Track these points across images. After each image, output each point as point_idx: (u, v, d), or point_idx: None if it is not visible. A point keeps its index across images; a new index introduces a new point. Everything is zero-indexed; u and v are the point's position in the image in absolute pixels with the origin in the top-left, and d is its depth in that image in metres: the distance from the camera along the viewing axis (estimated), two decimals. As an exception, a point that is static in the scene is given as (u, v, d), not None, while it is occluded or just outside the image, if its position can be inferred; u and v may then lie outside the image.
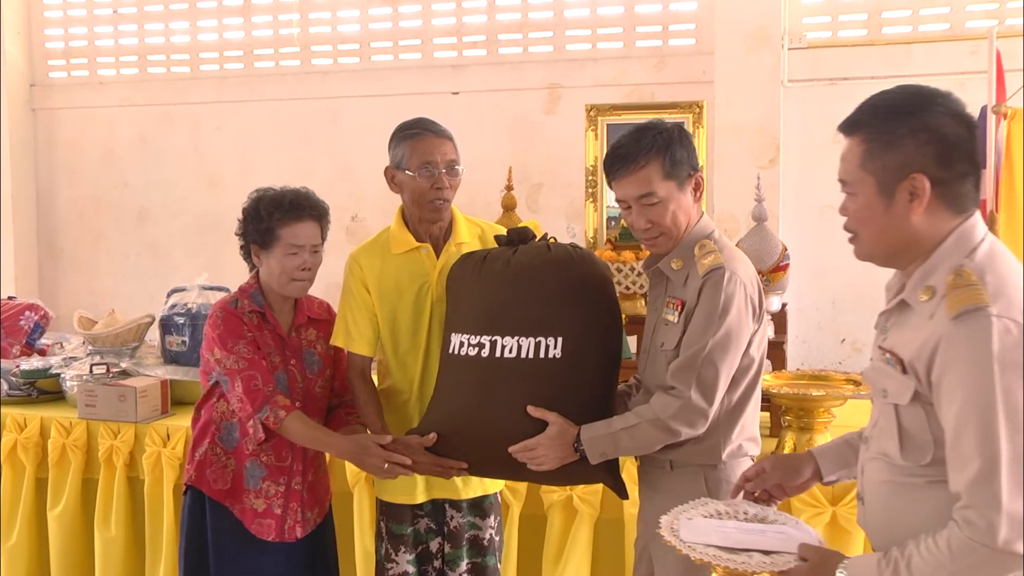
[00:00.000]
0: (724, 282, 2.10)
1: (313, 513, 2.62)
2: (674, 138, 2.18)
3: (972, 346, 1.46)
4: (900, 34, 4.93)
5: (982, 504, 1.44)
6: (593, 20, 5.39)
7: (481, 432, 2.26)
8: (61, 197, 6.36)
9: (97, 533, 3.40)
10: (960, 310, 1.48)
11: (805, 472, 1.94)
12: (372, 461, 2.36)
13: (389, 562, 2.59)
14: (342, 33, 5.83)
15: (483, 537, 2.60)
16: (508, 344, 2.21)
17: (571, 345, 2.21)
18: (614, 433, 2.15)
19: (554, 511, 2.97)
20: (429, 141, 2.46)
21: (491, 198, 3.79)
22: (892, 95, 1.63)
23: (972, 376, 1.46)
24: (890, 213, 1.59)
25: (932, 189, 1.56)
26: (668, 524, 1.80)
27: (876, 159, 1.59)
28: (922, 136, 1.55)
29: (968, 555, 1.45)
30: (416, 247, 2.51)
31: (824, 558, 1.64)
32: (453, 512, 2.58)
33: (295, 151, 5.82)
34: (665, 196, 2.16)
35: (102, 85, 6.33)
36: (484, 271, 2.31)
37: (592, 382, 2.26)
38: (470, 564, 2.59)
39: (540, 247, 2.31)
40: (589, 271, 2.31)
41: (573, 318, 2.23)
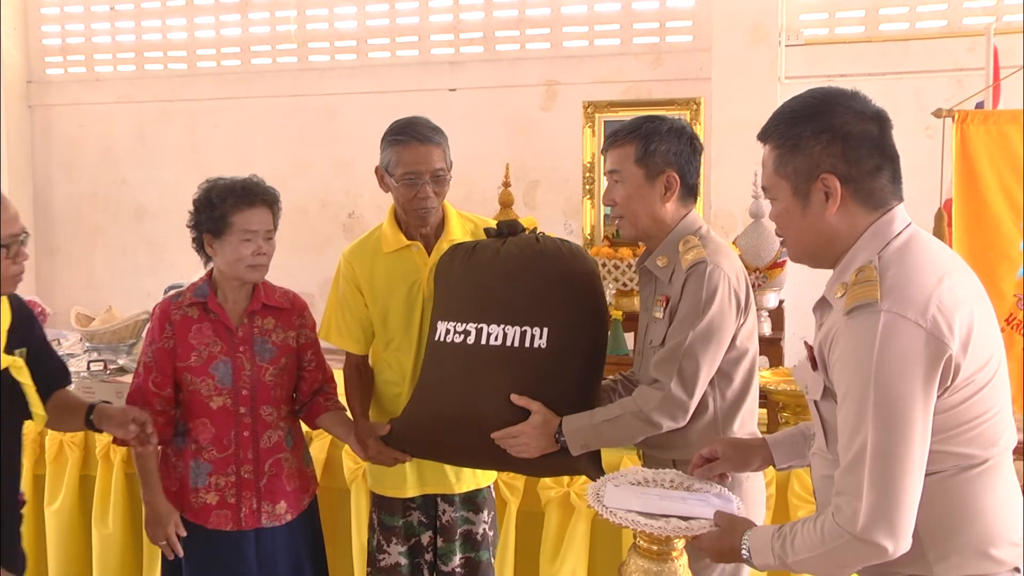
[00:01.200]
0: (706, 275, 2.11)
1: (279, 508, 2.55)
2: (661, 131, 2.19)
3: (857, 341, 1.49)
4: (897, 31, 4.93)
5: (848, 492, 1.50)
6: (590, 17, 5.38)
7: (464, 419, 2.25)
8: (58, 193, 6.35)
9: (95, 530, 3.40)
10: (852, 306, 1.51)
11: (755, 461, 1.99)
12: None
13: (381, 553, 2.60)
14: (339, 30, 5.83)
15: (476, 532, 2.60)
16: (494, 332, 2.22)
17: (557, 336, 2.22)
18: (596, 425, 2.16)
19: (551, 507, 2.97)
20: (414, 150, 2.41)
21: (488, 195, 3.78)
22: (798, 100, 1.66)
23: (853, 370, 1.50)
24: (807, 215, 1.63)
25: (843, 187, 1.59)
26: (594, 490, 1.85)
27: (787, 164, 1.63)
28: (825, 137, 1.59)
29: (834, 539, 1.51)
30: (407, 245, 2.51)
31: (734, 524, 1.71)
32: (445, 506, 2.58)
33: (292, 147, 5.82)
34: (628, 180, 2.20)
35: (99, 82, 6.33)
36: (472, 260, 2.31)
37: (576, 374, 2.27)
38: (463, 559, 2.59)
39: (529, 239, 2.32)
40: (577, 266, 2.32)
41: (560, 310, 2.24)
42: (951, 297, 1.50)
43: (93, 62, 6.35)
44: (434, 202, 2.45)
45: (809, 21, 5.04)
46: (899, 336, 1.46)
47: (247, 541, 2.52)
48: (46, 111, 6.42)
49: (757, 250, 3.28)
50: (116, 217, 6.31)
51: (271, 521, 2.52)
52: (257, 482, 2.52)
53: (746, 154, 4.81)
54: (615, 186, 2.24)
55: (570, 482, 2.95)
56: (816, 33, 5.03)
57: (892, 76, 4.85)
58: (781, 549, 1.59)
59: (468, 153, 2.61)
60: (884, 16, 4.95)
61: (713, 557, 1.75)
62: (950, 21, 4.85)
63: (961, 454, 1.53)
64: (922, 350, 1.46)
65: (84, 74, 6.37)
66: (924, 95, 4.74)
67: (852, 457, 1.49)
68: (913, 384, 1.46)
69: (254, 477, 2.51)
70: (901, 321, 1.46)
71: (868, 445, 1.47)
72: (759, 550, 1.62)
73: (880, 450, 1.46)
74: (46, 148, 6.43)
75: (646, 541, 1.75)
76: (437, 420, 2.30)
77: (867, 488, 1.47)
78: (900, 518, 1.46)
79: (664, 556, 1.75)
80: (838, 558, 1.53)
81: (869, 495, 1.47)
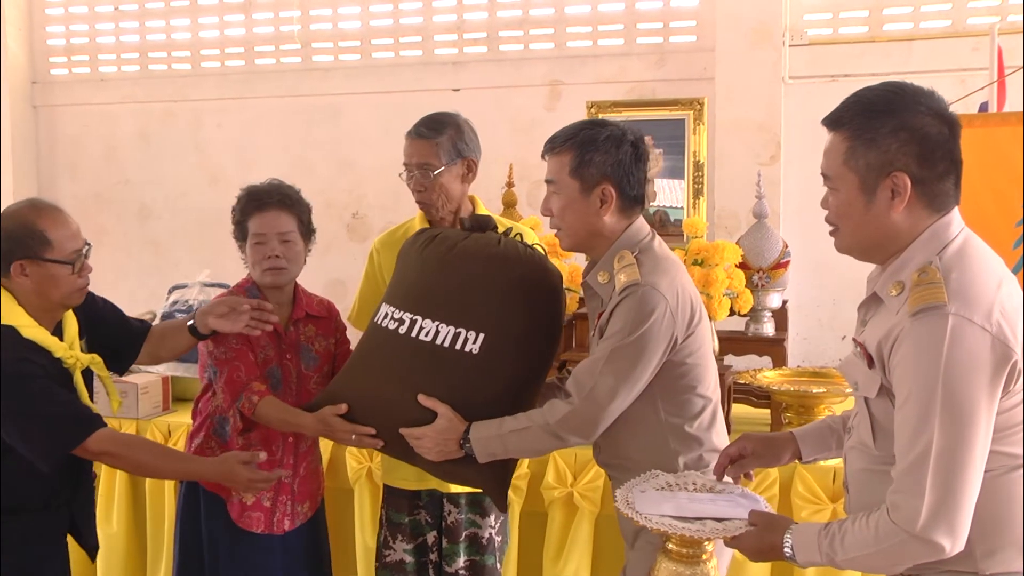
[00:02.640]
0: (638, 297, 2.03)
1: (304, 507, 2.61)
2: (597, 140, 2.10)
3: (924, 343, 1.50)
4: (901, 31, 4.92)
5: (907, 491, 1.51)
6: (594, 17, 5.38)
7: (379, 407, 2.22)
8: (63, 194, 6.35)
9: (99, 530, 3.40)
10: (919, 307, 1.51)
11: (785, 456, 2.00)
12: (338, 436, 2.34)
13: (387, 548, 2.63)
14: (343, 30, 5.83)
15: (482, 535, 2.60)
16: (427, 327, 2.16)
17: (491, 344, 2.15)
18: (503, 435, 2.11)
19: (555, 508, 2.97)
20: (408, 143, 2.53)
21: (492, 195, 3.78)
22: (876, 92, 1.64)
23: (919, 372, 1.50)
24: (871, 210, 1.62)
25: (913, 188, 1.58)
26: (623, 497, 1.85)
27: (859, 157, 1.61)
28: (903, 135, 1.58)
29: (890, 538, 1.52)
30: None
31: (773, 523, 1.71)
32: (451, 507, 2.59)
33: (296, 148, 5.82)
34: (563, 191, 2.13)
35: (103, 82, 6.33)
36: (429, 250, 2.26)
37: (505, 386, 2.20)
38: (468, 561, 2.59)
39: (490, 240, 2.25)
40: (533, 275, 2.24)
41: (501, 317, 2.17)
42: (1011, 302, 1.52)
43: (97, 62, 6.35)
44: (427, 196, 2.49)
45: (813, 21, 5.03)
46: (967, 340, 1.47)
47: (275, 541, 2.55)
48: (50, 111, 6.42)
49: (760, 250, 3.28)
50: (120, 217, 6.31)
51: (300, 521, 2.58)
52: (292, 485, 2.56)
53: (750, 154, 4.85)
54: (552, 196, 2.17)
55: (574, 482, 2.96)
56: (820, 33, 5.02)
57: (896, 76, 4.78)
58: (830, 547, 1.59)
59: (472, 153, 2.62)
60: (888, 16, 4.95)
61: (753, 556, 1.75)
62: (954, 21, 4.84)
63: (1011, 454, 1.56)
64: (988, 354, 1.47)
65: (88, 74, 6.38)
66: (928, 95, 4.73)
67: (915, 458, 1.49)
68: (979, 388, 1.47)
69: (292, 481, 2.55)
70: (968, 325, 1.47)
71: (933, 447, 1.47)
72: (804, 547, 1.62)
73: (944, 451, 1.47)
74: (50, 149, 6.44)
75: (677, 544, 1.76)
76: (357, 402, 2.25)
77: (929, 488, 1.48)
78: (960, 518, 1.48)
79: (695, 559, 1.76)
80: (893, 556, 1.54)
81: (931, 495, 1.47)
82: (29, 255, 2.21)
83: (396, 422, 2.20)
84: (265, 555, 2.55)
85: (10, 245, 2.21)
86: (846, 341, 5.07)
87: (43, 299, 2.25)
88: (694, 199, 3.96)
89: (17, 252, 2.21)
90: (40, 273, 2.22)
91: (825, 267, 4.94)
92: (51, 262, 2.22)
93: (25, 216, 2.24)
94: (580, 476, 2.95)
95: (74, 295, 2.30)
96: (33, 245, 2.21)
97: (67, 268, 2.24)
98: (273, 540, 2.56)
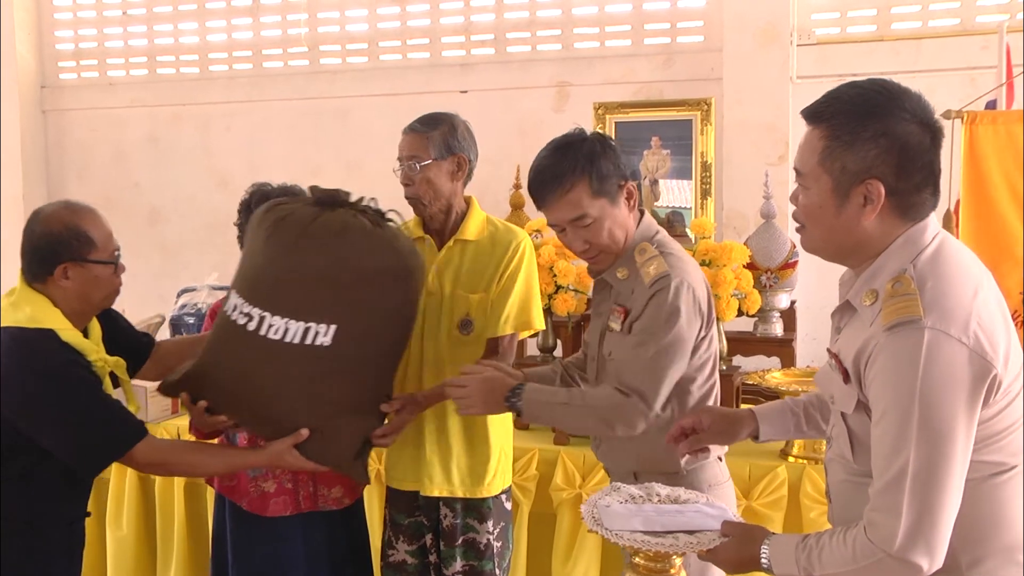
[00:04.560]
0: (671, 290, 2.04)
1: (336, 491, 2.62)
2: (596, 152, 2.10)
3: (900, 358, 1.45)
4: (910, 29, 4.91)
5: (885, 510, 1.46)
6: (601, 18, 5.38)
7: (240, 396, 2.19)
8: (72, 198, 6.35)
9: (109, 532, 3.42)
10: (894, 321, 1.46)
11: (742, 433, 1.97)
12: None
13: (390, 549, 2.66)
14: (350, 32, 5.84)
15: (480, 541, 2.59)
16: (276, 324, 2.10)
17: (343, 334, 2.11)
18: (553, 404, 2.10)
19: (563, 509, 2.98)
20: (402, 139, 2.54)
21: (500, 196, 3.79)
22: (860, 90, 1.58)
23: (896, 388, 1.45)
24: (841, 215, 1.56)
25: (887, 197, 1.53)
26: (589, 513, 1.81)
27: (835, 159, 1.55)
28: (884, 142, 1.51)
29: (868, 556, 1.48)
30: (420, 237, 2.56)
31: (749, 534, 1.68)
32: (446, 511, 2.59)
33: (304, 150, 5.83)
34: (598, 215, 2.10)
35: (112, 86, 6.35)
36: (275, 235, 2.17)
37: (365, 374, 2.19)
38: (466, 566, 2.58)
39: (344, 217, 2.16)
40: (382, 257, 2.19)
41: (351, 305, 2.13)
42: (987, 311, 1.48)
43: (106, 66, 6.38)
44: (414, 190, 2.49)
45: (821, 20, 5.02)
46: (943, 355, 1.42)
47: (296, 525, 2.57)
48: (59, 116, 6.45)
49: (768, 251, 3.28)
50: (129, 221, 6.32)
51: (327, 504, 2.58)
52: None
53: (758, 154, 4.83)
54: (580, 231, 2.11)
55: (582, 483, 2.96)
56: (828, 32, 5.01)
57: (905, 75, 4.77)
58: (807, 561, 1.55)
59: (479, 155, 2.62)
60: (896, 15, 4.93)
61: (729, 569, 1.73)
62: (963, 19, 4.82)
63: (992, 462, 1.52)
64: (966, 369, 1.43)
65: (97, 79, 6.40)
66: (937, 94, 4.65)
67: (892, 476, 1.46)
68: (957, 404, 1.43)
69: None
70: (945, 339, 1.43)
71: (910, 465, 1.43)
72: (781, 560, 1.59)
73: (922, 470, 1.43)
74: (59, 153, 6.46)
75: (645, 560, 1.73)
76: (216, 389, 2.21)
77: (907, 508, 1.44)
78: (937, 537, 1.44)
79: (663, 573, 1.73)
80: (870, 574, 1.50)
81: (909, 515, 1.44)
82: (75, 257, 2.18)
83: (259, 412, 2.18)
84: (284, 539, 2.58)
85: (54, 248, 2.17)
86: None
87: (83, 302, 2.22)
88: (702, 199, 3.96)
89: (64, 255, 2.17)
90: (83, 275, 2.19)
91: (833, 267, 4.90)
92: (95, 263, 2.20)
93: (66, 218, 2.21)
94: (589, 477, 2.95)
95: (112, 296, 2.30)
96: (79, 247, 2.18)
97: (109, 268, 2.23)
98: (297, 522, 2.57)
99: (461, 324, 2.51)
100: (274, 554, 2.58)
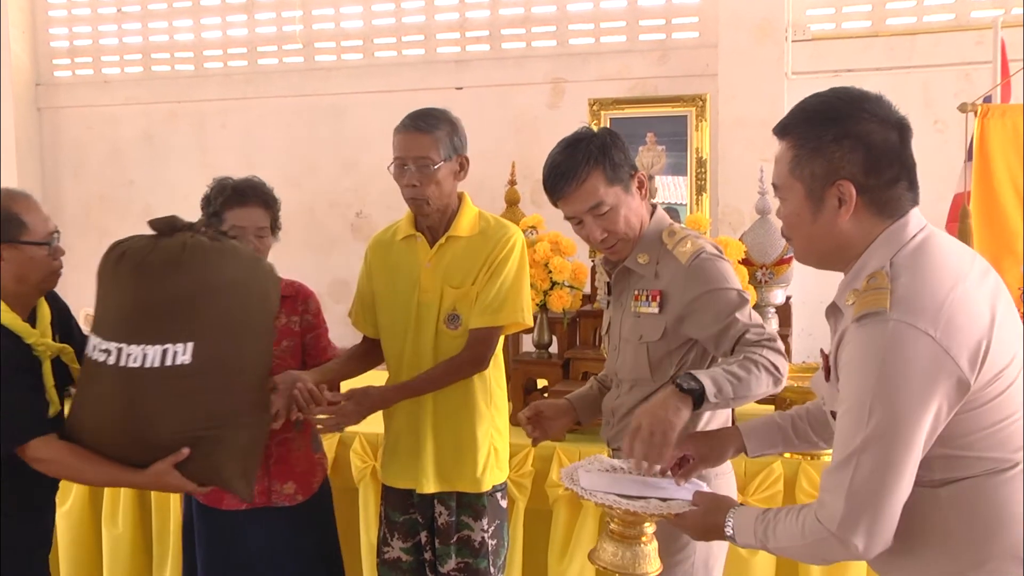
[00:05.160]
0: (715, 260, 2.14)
1: (288, 487, 2.61)
2: (607, 144, 2.16)
3: (864, 348, 1.48)
4: (904, 25, 4.91)
5: (832, 490, 1.51)
6: (596, 14, 5.38)
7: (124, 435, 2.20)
8: (67, 196, 6.37)
9: (105, 530, 3.42)
10: (861, 313, 1.49)
11: (728, 451, 1.99)
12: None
13: (385, 546, 2.66)
14: (345, 29, 5.84)
15: (475, 539, 2.58)
16: (133, 352, 2.14)
17: (203, 349, 2.16)
18: (716, 376, 1.96)
19: (559, 505, 2.98)
20: (403, 137, 2.48)
21: (495, 193, 3.79)
22: (821, 100, 1.61)
23: (859, 376, 1.48)
24: (818, 219, 1.60)
25: (859, 196, 1.56)
26: (568, 474, 1.87)
27: (804, 166, 1.59)
28: (847, 143, 1.55)
29: (813, 534, 1.53)
30: (411, 235, 2.56)
31: (717, 503, 1.73)
32: (441, 508, 2.58)
33: (300, 148, 5.83)
34: (615, 202, 2.16)
35: (107, 84, 6.34)
36: (120, 268, 2.23)
37: (234, 385, 2.23)
38: (461, 563, 2.58)
39: (177, 243, 2.21)
40: (226, 273, 2.23)
41: (202, 320, 2.17)
42: (964, 303, 1.47)
43: (100, 64, 6.37)
44: (421, 191, 2.47)
45: (815, 16, 5.02)
46: (907, 346, 1.44)
47: (257, 521, 2.58)
48: (54, 113, 6.44)
49: (764, 247, 3.28)
50: (125, 219, 6.31)
51: (280, 500, 2.58)
52: (266, 461, 2.57)
53: (753, 150, 4.83)
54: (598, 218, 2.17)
55: (578, 480, 2.96)
56: (823, 28, 5.01)
57: (900, 70, 4.82)
58: (763, 533, 1.61)
59: (474, 151, 2.61)
60: (891, 10, 4.94)
61: (696, 535, 1.77)
62: (958, 15, 4.83)
63: (988, 458, 1.52)
64: (929, 360, 1.44)
65: (91, 76, 6.39)
66: (932, 89, 4.72)
67: (843, 458, 1.49)
68: (915, 394, 1.44)
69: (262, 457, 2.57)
70: (909, 330, 1.44)
71: (863, 449, 1.46)
72: (742, 529, 1.65)
73: (874, 456, 1.46)
74: (54, 151, 6.45)
75: (619, 525, 1.79)
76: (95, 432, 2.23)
77: (852, 489, 1.47)
78: (882, 522, 1.47)
79: (635, 540, 1.80)
80: (815, 551, 1.56)
81: (853, 496, 1.47)
82: (8, 239, 2.23)
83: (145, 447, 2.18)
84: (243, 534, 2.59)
85: None
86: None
87: (21, 283, 2.27)
88: (697, 196, 3.96)
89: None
90: (18, 257, 2.24)
91: (829, 263, 4.92)
92: (28, 244, 2.25)
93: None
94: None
95: (50, 278, 2.34)
96: (11, 229, 2.23)
97: (44, 249, 2.28)
98: (256, 517, 2.58)
99: (448, 319, 2.53)
100: (237, 547, 2.59)
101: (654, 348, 2.17)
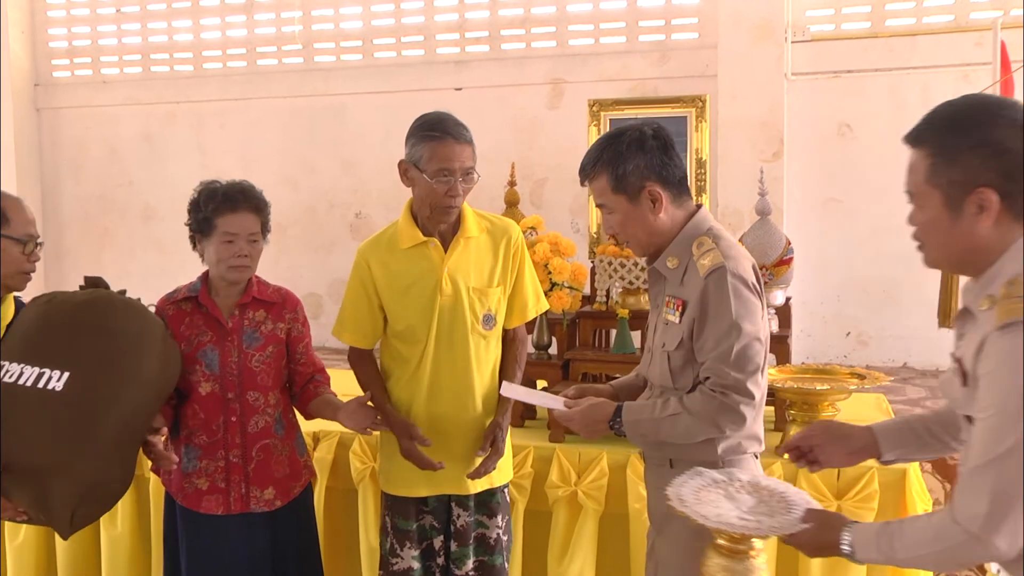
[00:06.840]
0: (728, 280, 2.08)
1: (268, 493, 2.59)
2: (622, 152, 2.14)
3: (1007, 357, 1.49)
4: (904, 26, 4.91)
5: (972, 492, 1.51)
6: (595, 15, 5.38)
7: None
8: (66, 195, 6.37)
9: (103, 531, 3.41)
10: (1004, 321, 1.50)
11: (854, 443, 1.96)
12: None
13: (394, 557, 2.60)
14: (344, 30, 5.83)
15: (490, 536, 2.59)
16: (11, 369, 2.27)
17: (78, 382, 2.25)
18: (657, 419, 2.13)
19: (559, 507, 2.97)
20: (450, 147, 2.44)
21: (495, 193, 3.78)
22: (955, 107, 1.63)
23: (1002, 384, 1.49)
24: (957, 226, 1.61)
25: (1000, 202, 1.57)
26: (675, 495, 1.86)
27: (941, 175, 1.60)
28: (985, 151, 1.56)
29: (950, 537, 1.52)
30: (423, 241, 2.53)
31: (829, 521, 1.73)
32: (460, 511, 2.58)
33: (299, 148, 5.82)
34: (616, 208, 2.17)
35: (106, 84, 6.34)
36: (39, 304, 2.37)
37: (96, 426, 2.28)
38: (477, 562, 2.58)
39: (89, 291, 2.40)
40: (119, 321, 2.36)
41: (87, 356, 2.28)
42: None
43: (100, 64, 6.37)
44: (461, 200, 2.49)
45: (815, 17, 5.02)
46: None
47: (237, 526, 2.57)
48: (53, 114, 6.44)
49: (764, 247, 3.27)
50: (124, 218, 6.32)
51: (259, 506, 2.57)
52: (245, 467, 2.56)
53: (752, 151, 4.84)
54: (608, 217, 2.22)
55: (578, 481, 2.95)
56: (822, 29, 5.01)
57: (899, 71, 4.83)
58: (890, 546, 1.61)
59: (474, 152, 2.61)
60: (890, 11, 4.94)
61: (810, 553, 1.78)
62: (957, 16, 4.83)
63: None
64: None
65: (91, 76, 6.39)
66: (931, 90, 4.72)
67: (989, 460, 1.50)
68: None
69: (242, 462, 2.56)
70: None
71: (1011, 453, 1.47)
72: (863, 546, 1.65)
73: (1016, 459, 1.47)
74: (54, 151, 6.45)
75: (728, 541, 1.79)
76: None
77: (999, 491, 1.48)
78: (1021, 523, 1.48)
79: (744, 555, 1.80)
80: (952, 556, 1.56)
81: (1000, 498, 1.48)
82: None
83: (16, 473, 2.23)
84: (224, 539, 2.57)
85: None
86: (850, 337, 5.06)
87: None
88: (697, 196, 3.96)
89: None
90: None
91: (828, 263, 4.93)
92: (4, 237, 2.29)
93: None
94: (584, 475, 2.95)
95: (18, 277, 2.39)
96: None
97: (18, 246, 2.32)
98: (235, 522, 2.57)
99: (484, 320, 2.55)
100: (220, 550, 2.58)
101: (674, 357, 2.16)
